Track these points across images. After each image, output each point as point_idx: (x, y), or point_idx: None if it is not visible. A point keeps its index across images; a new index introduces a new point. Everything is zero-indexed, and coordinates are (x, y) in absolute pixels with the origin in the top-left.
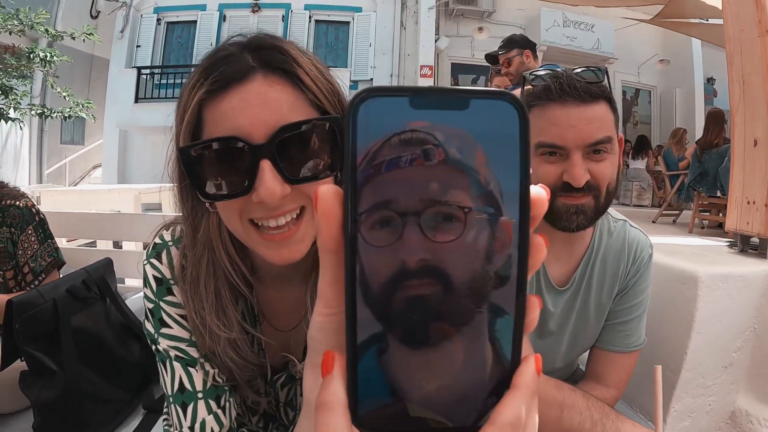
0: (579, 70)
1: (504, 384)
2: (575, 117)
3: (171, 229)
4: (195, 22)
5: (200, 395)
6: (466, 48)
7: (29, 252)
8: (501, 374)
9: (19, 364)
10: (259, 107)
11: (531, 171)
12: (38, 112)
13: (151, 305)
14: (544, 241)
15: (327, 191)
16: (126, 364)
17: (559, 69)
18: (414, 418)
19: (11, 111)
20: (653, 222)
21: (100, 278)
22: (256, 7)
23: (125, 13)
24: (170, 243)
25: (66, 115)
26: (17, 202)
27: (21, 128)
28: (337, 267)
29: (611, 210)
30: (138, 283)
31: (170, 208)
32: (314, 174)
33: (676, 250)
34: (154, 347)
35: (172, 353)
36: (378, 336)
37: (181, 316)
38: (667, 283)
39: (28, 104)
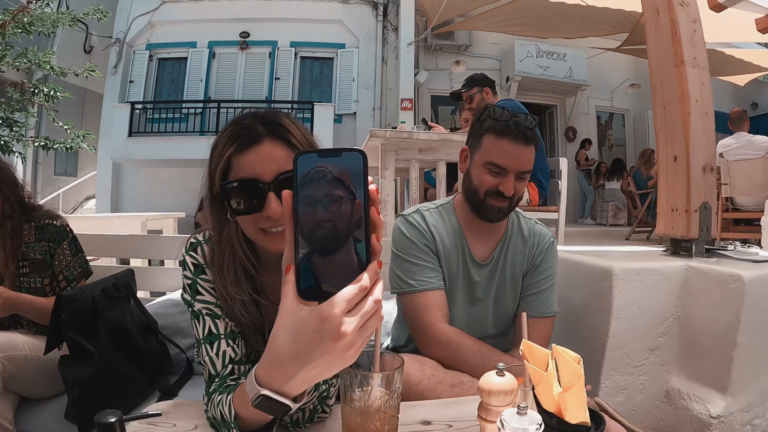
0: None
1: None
2: (519, 152)
3: (201, 233)
4: (186, 58)
5: (222, 336)
6: (444, 81)
7: (64, 263)
8: (361, 268)
9: (55, 354)
10: (267, 161)
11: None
12: (42, 144)
13: (189, 281)
14: (377, 213)
15: (287, 192)
16: (145, 353)
17: (509, 109)
18: (325, 291)
19: (15, 143)
20: (626, 239)
21: (126, 283)
22: (244, 45)
23: (118, 49)
24: (202, 242)
25: (68, 146)
26: (54, 222)
27: (24, 161)
28: (290, 223)
29: (524, 213)
30: (144, 294)
31: (170, 232)
32: None
33: (608, 254)
34: (190, 309)
35: (204, 311)
36: (307, 253)
37: (211, 287)
38: (591, 278)
39: (31, 137)
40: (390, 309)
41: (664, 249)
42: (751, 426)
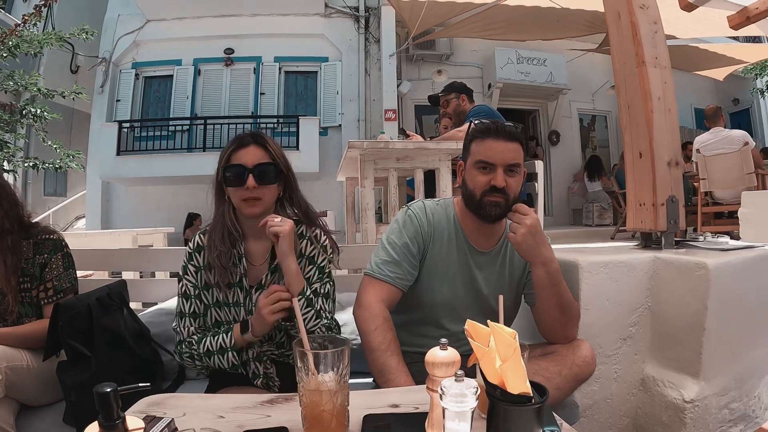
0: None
1: None
2: (502, 147)
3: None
4: (171, 76)
5: (192, 297)
6: (427, 90)
7: (55, 273)
8: None
9: (54, 364)
10: (251, 155)
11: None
12: (31, 164)
13: (183, 264)
14: None
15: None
16: (140, 358)
17: (486, 115)
18: None
19: (5, 164)
20: (612, 239)
21: (119, 293)
22: (228, 61)
23: (104, 68)
24: (197, 235)
25: (57, 166)
26: (51, 236)
27: (15, 180)
28: None
29: None
30: (136, 305)
31: (160, 246)
32: (268, 182)
33: (579, 250)
34: (179, 284)
35: (182, 290)
36: None
37: (194, 270)
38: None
39: (21, 157)
40: None
41: (636, 243)
42: (728, 410)
